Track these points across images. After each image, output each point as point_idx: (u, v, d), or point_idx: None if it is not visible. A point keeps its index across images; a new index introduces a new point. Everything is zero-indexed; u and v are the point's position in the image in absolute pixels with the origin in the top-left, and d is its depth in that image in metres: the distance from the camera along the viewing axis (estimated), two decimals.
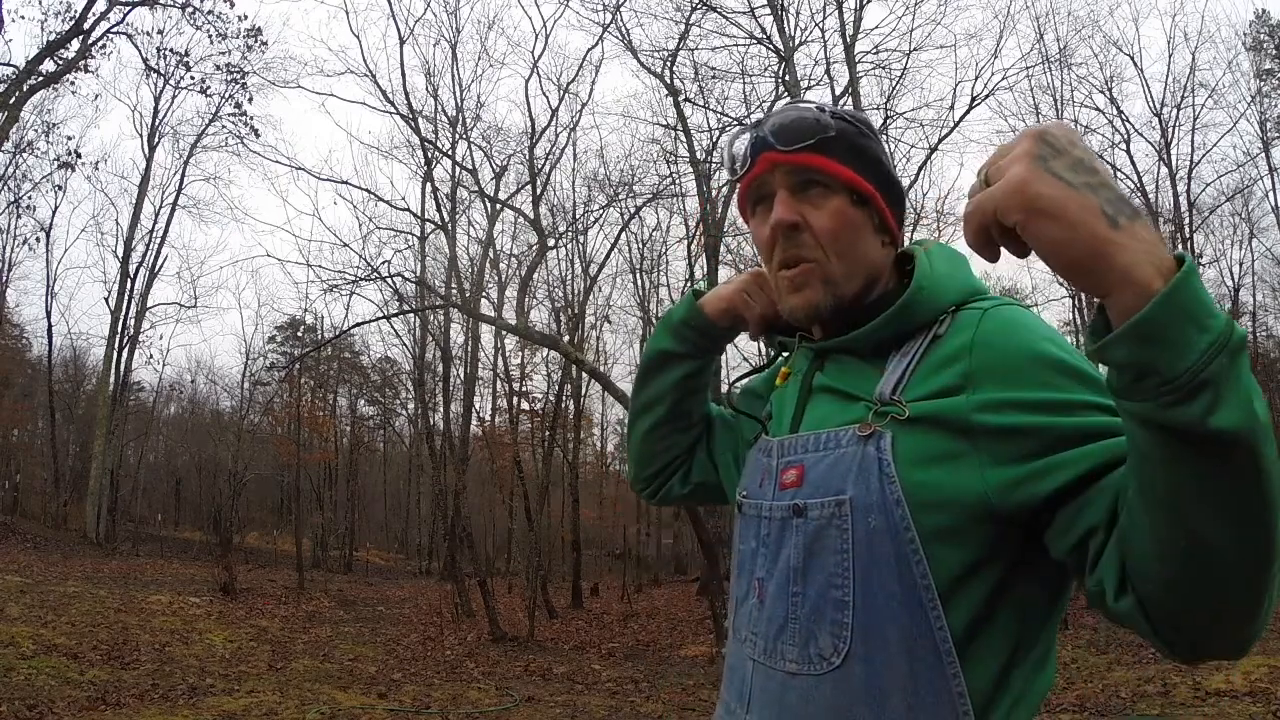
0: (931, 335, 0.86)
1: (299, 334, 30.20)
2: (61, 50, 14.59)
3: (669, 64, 12.37)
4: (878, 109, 13.61)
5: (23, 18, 22.64)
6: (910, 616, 0.79)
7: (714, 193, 13.71)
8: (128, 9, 15.46)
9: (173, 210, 22.67)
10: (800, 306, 0.92)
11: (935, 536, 0.79)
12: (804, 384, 0.97)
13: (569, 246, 18.98)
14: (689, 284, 21.19)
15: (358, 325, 23.89)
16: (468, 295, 15.63)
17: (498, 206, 15.55)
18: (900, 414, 0.82)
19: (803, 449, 0.91)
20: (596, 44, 18.42)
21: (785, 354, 1.08)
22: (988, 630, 0.80)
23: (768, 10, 11.76)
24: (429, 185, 15.03)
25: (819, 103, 0.93)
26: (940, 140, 13.73)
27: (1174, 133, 17.97)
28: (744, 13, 12.00)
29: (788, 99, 12.08)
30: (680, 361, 1.16)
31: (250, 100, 20.84)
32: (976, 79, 15.47)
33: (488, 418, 20.85)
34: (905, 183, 16.04)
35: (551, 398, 19.05)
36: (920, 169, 15.52)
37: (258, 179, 54.94)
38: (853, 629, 0.81)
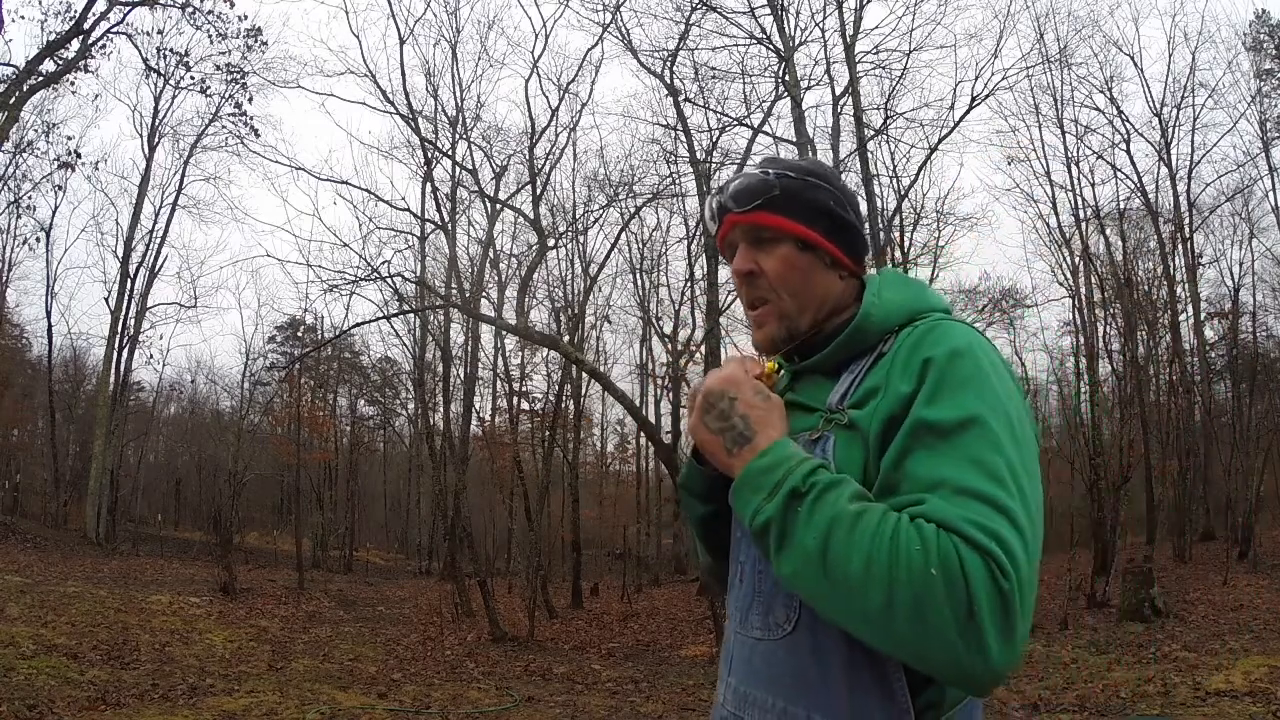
0: (877, 354, 1.01)
1: (299, 334, 30.20)
2: (61, 50, 14.56)
3: (669, 64, 12.38)
4: (878, 109, 13.62)
5: (23, 18, 22.57)
6: None
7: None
8: (128, 9, 15.44)
9: (173, 210, 22.64)
10: (761, 341, 1.11)
11: None
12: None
13: (569, 246, 19.03)
14: (689, 284, 21.21)
15: (358, 325, 23.97)
16: (468, 295, 15.63)
17: (498, 206, 15.56)
18: (842, 420, 0.98)
19: None
20: (596, 44, 18.42)
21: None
22: None
23: (768, 10, 11.77)
24: (429, 185, 15.04)
25: (771, 165, 1.10)
26: (940, 140, 13.71)
27: (1174, 133, 17.98)
28: (744, 13, 12.02)
29: (787, 100, 12.10)
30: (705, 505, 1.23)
31: (250, 100, 20.77)
32: (976, 79, 15.48)
33: (488, 418, 20.87)
34: (905, 182, 16.05)
35: (551, 398, 19.07)
36: (920, 169, 15.53)
37: (258, 179, 54.91)
38: (800, 601, 0.95)
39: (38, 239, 22.76)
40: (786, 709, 0.96)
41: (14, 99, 13.76)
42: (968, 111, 13.34)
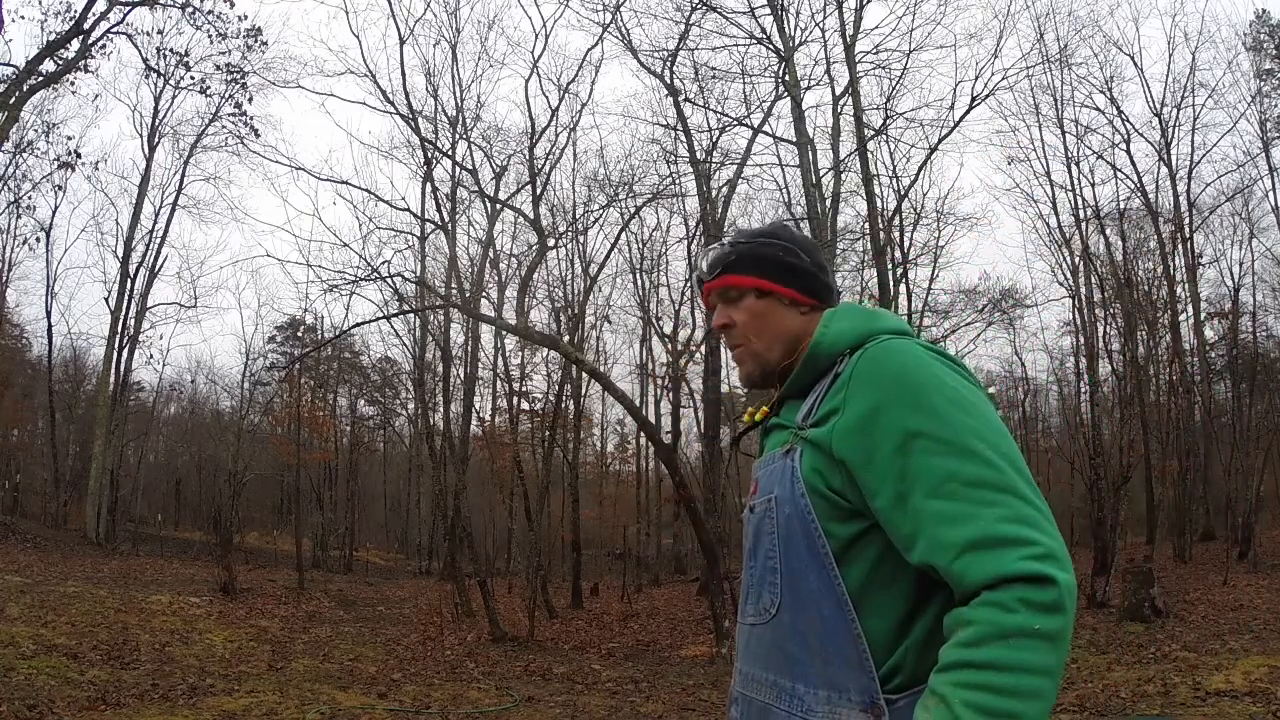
0: (834, 374, 1.16)
1: (299, 334, 30.19)
2: (61, 50, 14.54)
3: (669, 64, 12.37)
4: (878, 109, 13.60)
5: (23, 18, 22.60)
6: (817, 576, 1.08)
7: (714, 193, 13.70)
8: (128, 9, 15.42)
9: (173, 210, 22.63)
10: (741, 377, 1.33)
11: (828, 517, 1.09)
12: (764, 425, 1.33)
13: (569, 246, 19.00)
14: (689, 284, 21.19)
15: (358, 325, 23.97)
16: (468, 295, 15.62)
17: (498, 206, 15.55)
18: (805, 435, 1.14)
19: (760, 468, 1.26)
20: (596, 44, 18.39)
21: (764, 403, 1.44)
22: (881, 585, 1.07)
23: (768, 10, 11.76)
24: (429, 185, 15.03)
25: (734, 236, 1.32)
26: (940, 140, 13.69)
27: (1174, 133, 17.96)
28: (744, 13, 12.01)
29: (787, 100, 12.09)
30: None
31: (250, 100, 20.76)
32: (976, 79, 15.44)
33: (488, 418, 20.86)
34: (905, 182, 16.07)
35: (551, 398, 19.05)
36: (920, 169, 15.52)
37: (258, 179, 54.70)
38: (781, 588, 1.12)
39: (38, 239, 22.78)
40: (776, 681, 1.13)
41: (14, 99, 13.75)
42: (968, 111, 13.34)
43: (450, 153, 15.21)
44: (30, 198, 21.52)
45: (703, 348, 15.40)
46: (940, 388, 1.04)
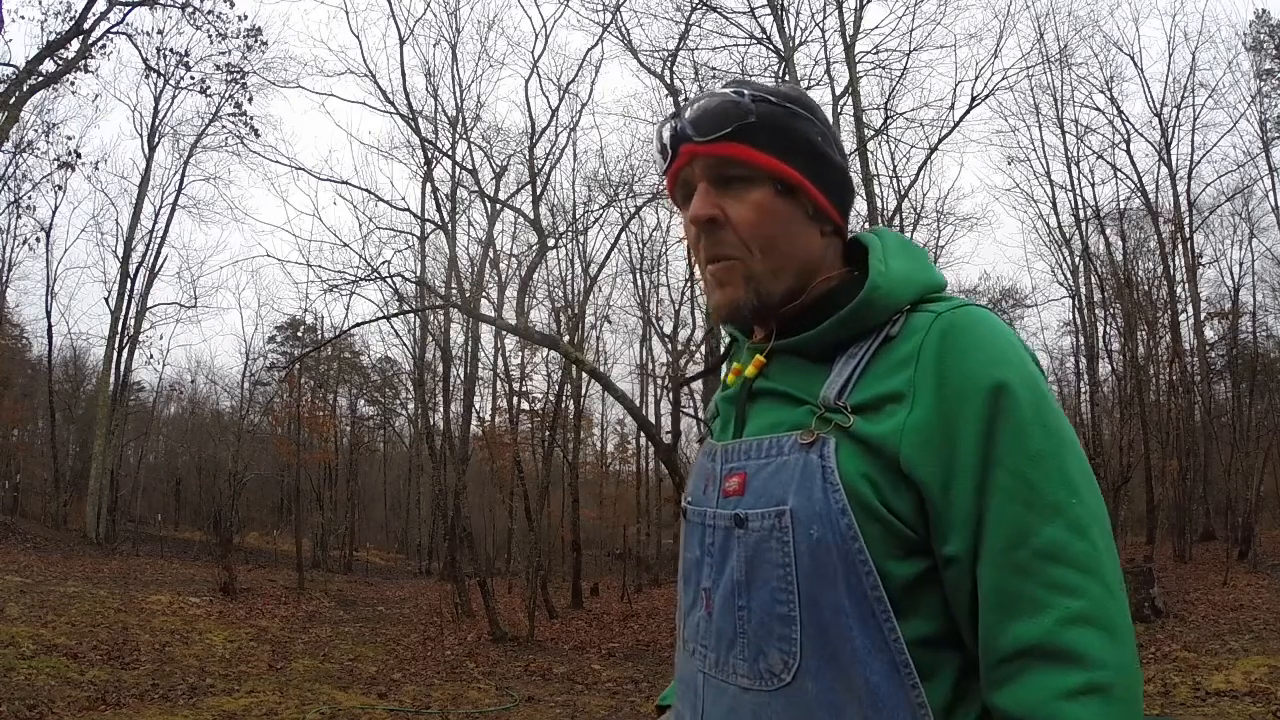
0: (883, 336, 0.81)
1: (299, 334, 30.19)
2: (61, 50, 14.56)
3: (669, 64, 12.39)
4: (878, 109, 13.61)
5: (23, 18, 22.66)
6: (863, 629, 0.75)
7: None
8: (128, 9, 15.42)
9: (173, 210, 22.66)
10: (722, 305, 0.87)
11: (884, 548, 0.76)
12: (745, 386, 0.91)
13: (569, 246, 19.00)
14: (689, 284, 21.20)
15: (358, 325, 23.90)
16: (468, 295, 15.62)
17: (498, 206, 15.55)
18: (845, 422, 0.78)
19: (745, 455, 0.86)
20: (596, 44, 18.43)
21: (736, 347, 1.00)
22: (946, 641, 0.78)
23: (768, 10, 11.77)
24: (429, 185, 15.02)
25: (744, 85, 0.86)
26: (940, 140, 13.68)
27: (1174, 133, 17.98)
28: (744, 13, 12.03)
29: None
30: None
31: (250, 100, 20.72)
32: (976, 79, 15.45)
33: (488, 418, 20.85)
34: (905, 182, 16.01)
35: (551, 398, 19.05)
36: (920, 169, 15.50)
37: (258, 179, 54.79)
38: (801, 645, 0.78)
39: (38, 239, 22.78)
40: None
41: (14, 99, 13.74)
42: (968, 111, 13.34)
43: (450, 153, 15.21)
44: (30, 198, 21.53)
45: (703, 348, 15.39)
46: (1042, 400, 0.76)
